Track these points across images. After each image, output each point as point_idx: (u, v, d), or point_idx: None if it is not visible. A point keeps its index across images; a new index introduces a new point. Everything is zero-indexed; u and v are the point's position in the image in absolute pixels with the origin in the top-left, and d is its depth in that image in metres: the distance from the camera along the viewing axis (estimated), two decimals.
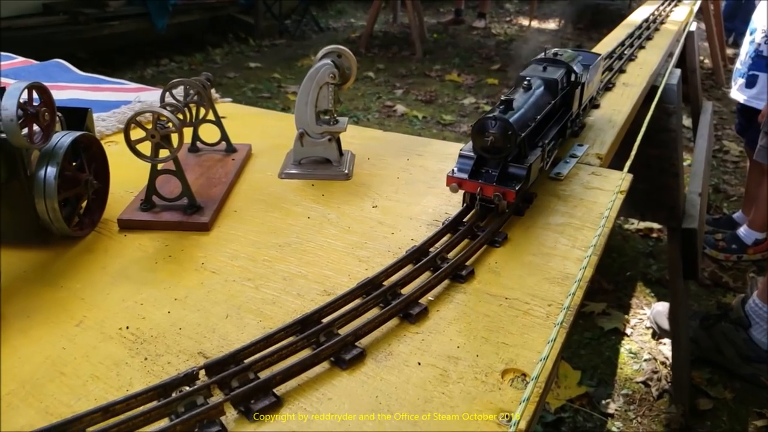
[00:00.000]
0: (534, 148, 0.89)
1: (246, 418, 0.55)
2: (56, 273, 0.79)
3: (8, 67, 1.93)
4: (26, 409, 0.57)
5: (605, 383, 2.08)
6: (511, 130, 0.80)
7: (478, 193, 0.82)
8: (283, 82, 5.31)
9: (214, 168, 1.08)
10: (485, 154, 0.83)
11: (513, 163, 0.84)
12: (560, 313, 0.66)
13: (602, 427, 1.91)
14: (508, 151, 0.81)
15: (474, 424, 0.54)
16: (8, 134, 0.76)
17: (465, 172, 0.83)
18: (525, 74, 0.98)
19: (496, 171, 0.83)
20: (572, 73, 1.04)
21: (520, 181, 0.82)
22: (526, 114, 0.86)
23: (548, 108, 0.94)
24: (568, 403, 1.99)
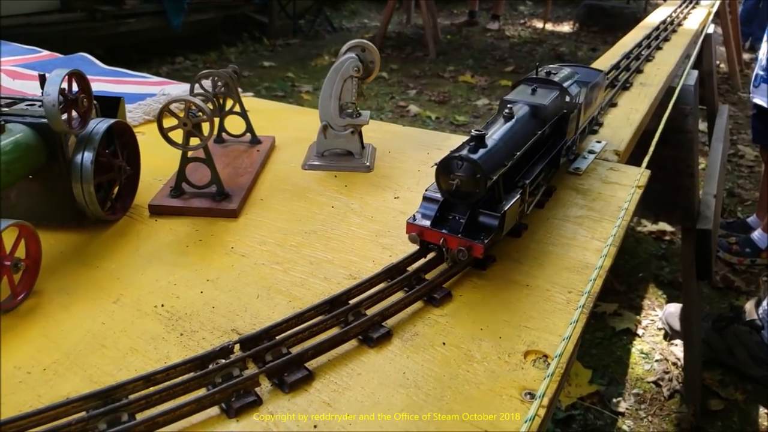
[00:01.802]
0: (513, 189, 0.76)
1: (280, 390, 0.57)
2: (92, 254, 0.82)
3: (35, 60, 1.98)
4: (71, 377, 0.60)
5: (616, 382, 2.09)
6: (479, 172, 0.67)
7: (442, 245, 0.70)
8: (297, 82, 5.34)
9: (240, 158, 1.11)
10: (451, 199, 0.71)
11: (484, 209, 0.71)
12: (581, 297, 0.68)
13: (613, 425, 1.92)
14: (477, 196, 0.69)
15: (498, 399, 0.56)
16: (50, 119, 0.80)
17: (428, 218, 0.71)
18: (509, 98, 0.87)
19: (464, 218, 0.70)
20: (566, 96, 0.92)
21: (491, 232, 0.70)
22: (501, 151, 0.73)
23: (534, 139, 0.82)
24: (579, 401, 2.00)
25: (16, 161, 0.78)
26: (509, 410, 0.55)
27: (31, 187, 0.86)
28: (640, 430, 1.91)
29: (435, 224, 0.71)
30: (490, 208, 0.72)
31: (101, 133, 0.86)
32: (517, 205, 0.75)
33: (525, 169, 0.83)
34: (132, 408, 0.54)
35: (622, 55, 1.75)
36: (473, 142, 0.71)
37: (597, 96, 1.10)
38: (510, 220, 0.74)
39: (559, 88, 0.91)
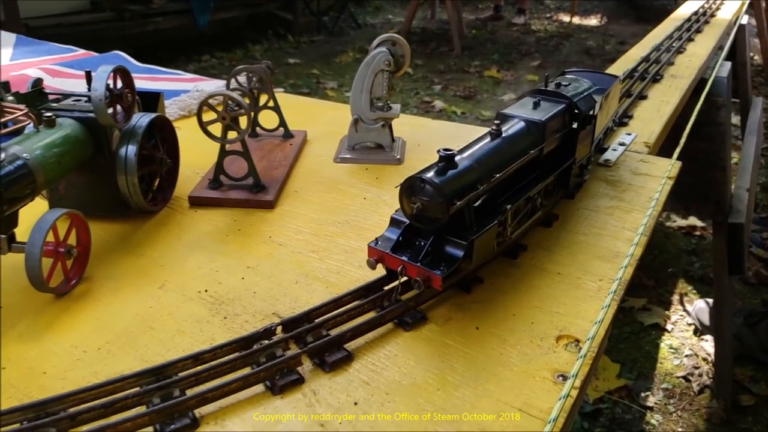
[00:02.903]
0: (490, 215, 0.69)
1: (321, 369, 0.60)
2: (136, 243, 0.86)
3: (71, 58, 2.04)
4: (124, 356, 0.63)
5: (644, 377, 2.08)
6: (442, 197, 0.61)
7: (400, 273, 0.65)
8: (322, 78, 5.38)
9: (274, 152, 1.14)
10: (414, 223, 0.65)
11: (452, 236, 0.65)
12: (612, 284, 0.70)
13: (641, 419, 1.91)
14: (440, 222, 0.63)
15: (532, 381, 0.58)
16: (97, 113, 0.83)
17: (391, 242, 0.66)
18: (506, 112, 0.80)
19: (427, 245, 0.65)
20: (575, 110, 0.83)
21: (453, 263, 0.64)
22: (474, 173, 0.66)
23: (525, 159, 0.74)
24: (607, 395, 1.99)
25: (66, 154, 0.82)
26: (542, 391, 0.57)
27: (78, 179, 0.90)
28: (669, 424, 1.90)
29: (396, 249, 0.65)
30: (458, 235, 0.65)
31: (144, 127, 0.90)
32: (492, 232, 0.68)
33: (509, 194, 0.75)
34: (182, 384, 0.57)
35: (652, 47, 1.74)
36: (442, 162, 0.64)
37: (612, 104, 1.03)
38: (481, 249, 0.67)
39: (567, 102, 0.83)
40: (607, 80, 1.00)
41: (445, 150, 0.65)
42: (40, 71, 1.77)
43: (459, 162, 0.66)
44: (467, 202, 0.65)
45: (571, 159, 0.85)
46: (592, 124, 0.88)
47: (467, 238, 0.65)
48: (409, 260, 0.64)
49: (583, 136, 0.86)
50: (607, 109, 0.99)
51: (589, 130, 0.88)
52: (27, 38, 2.34)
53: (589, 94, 0.87)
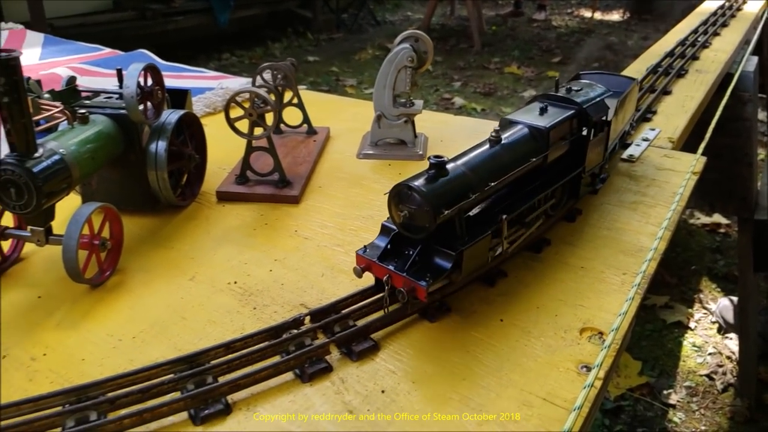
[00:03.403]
0: (485, 225, 0.67)
1: (348, 358, 0.61)
2: (166, 236, 0.88)
3: (98, 57, 2.09)
4: (158, 344, 0.65)
5: (667, 375, 2.06)
6: (428, 206, 0.60)
7: (386, 282, 0.62)
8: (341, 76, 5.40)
9: (298, 148, 1.16)
10: (402, 231, 0.64)
11: (442, 245, 0.63)
12: (636, 277, 0.70)
13: (663, 416, 1.90)
14: (427, 231, 0.61)
15: (555, 372, 0.59)
16: (128, 110, 0.86)
17: (379, 250, 0.64)
18: (510, 118, 0.78)
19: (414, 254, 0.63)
20: (586, 117, 0.80)
21: (440, 275, 0.61)
22: (466, 181, 0.64)
23: (525, 166, 0.71)
24: (628, 392, 1.98)
25: (100, 149, 0.84)
26: (566, 381, 0.58)
27: (109, 174, 0.92)
28: (692, 422, 1.88)
29: (384, 258, 0.64)
30: (448, 245, 0.63)
31: (173, 123, 0.92)
32: (484, 243, 0.66)
33: (512, 201, 0.72)
34: (215, 371, 0.59)
35: (676, 42, 1.72)
36: (432, 170, 0.62)
37: (629, 107, 0.99)
38: (472, 260, 0.64)
39: (576, 108, 0.80)
40: (624, 83, 0.96)
41: (436, 157, 0.63)
42: (68, 70, 1.81)
43: (451, 169, 0.64)
44: (458, 211, 0.63)
45: (581, 168, 0.82)
46: (604, 132, 0.84)
47: (457, 249, 0.62)
48: (395, 269, 0.62)
49: (594, 144, 0.82)
50: (624, 114, 0.95)
51: (601, 138, 0.84)
52: (54, 38, 2.40)
53: (601, 100, 0.84)
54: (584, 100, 0.81)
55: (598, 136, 0.83)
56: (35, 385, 0.60)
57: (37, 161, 0.72)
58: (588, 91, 0.85)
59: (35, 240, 0.77)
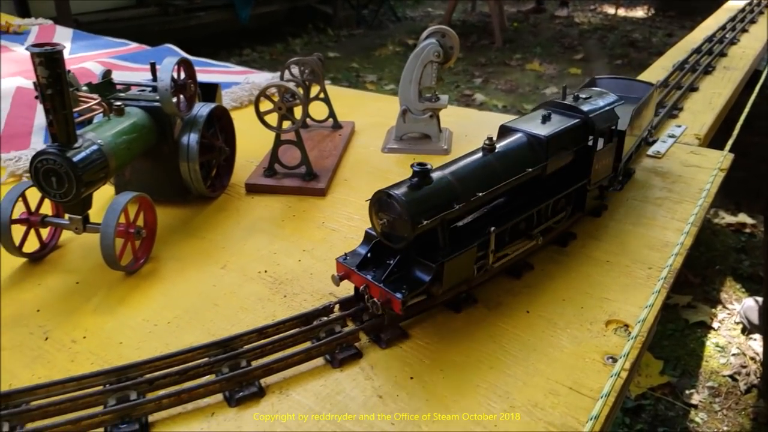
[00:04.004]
0: (472, 237, 0.64)
1: (377, 346, 0.63)
2: (197, 226, 0.91)
3: (125, 52, 2.13)
4: (192, 330, 0.67)
5: (689, 374, 2.05)
6: (407, 215, 0.58)
7: (362, 291, 0.61)
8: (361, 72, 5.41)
9: (324, 142, 1.18)
10: (383, 239, 0.62)
11: (423, 256, 0.61)
12: (663, 271, 0.70)
13: (685, 416, 1.89)
14: (406, 241, 0.59)
15: (582, 362, 0.60)
16: (162, 102, 0.88)
17: (358, 258, 0.63)
18: (509, 125, 0.75)
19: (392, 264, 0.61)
20: (591, 126, 0.76)
21: (418, 287, 0.59)
22: (450, 191, 0.62)
23: (519, 178, 0.68)
24: (650, 391, 1.97)
25: (134, 141, 0.87)
26: (592, 372, 0.58)
27: (142, 165, 0.95)
28: (714, 423, 1.86)
29: (363, 266, 0.62)
30: (429, 257, 0.60)
31: (205, 116, 0.94)
32: (468, 256, 0.63)
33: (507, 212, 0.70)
34: (248, 356, 0.61)
35: (704, 38, 1.71)
36: (415, 177, 0.60)
37: (647, 114, 0.95)
38: (454, 273, 0.62)
39: (582, 116, 0.76)
40: (641, 89, 0.92)
41: (419, 164, 0.61)
42: (97, 64, 1.85)
43: (436, 178, 0.62)
44: (440, 222, 0.60)
45: (586, 179, 0.77)
46: (614, 142, 0.80)
47: (438, 261, 0.60)
48: (373, 279, 0.60)
49: (602, 155, 0.78)
50: (640, 122, 0.91)
51: (610, 148, 0.80)
52: (83, 33, 2.45)
53: (610, 109, 0.80)
54: (591, 108, 0.77)
55: (607, 147, 0.78)
56: (77, 366, 0.63)
57: (77, 151, 0.75)
58: (597, 99, 0.81)
59: (73, 228, 0.80)
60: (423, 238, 0.61)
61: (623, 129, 0.81)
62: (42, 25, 2.47)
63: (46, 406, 0.56)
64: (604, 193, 0.86)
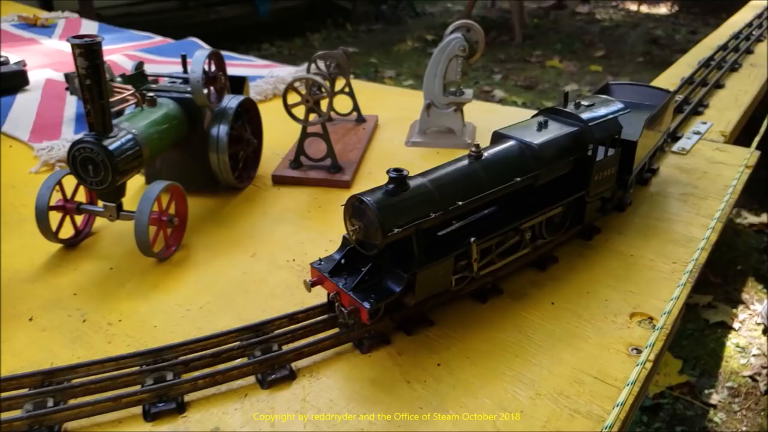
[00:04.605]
0: (450, 247, 0.62)
1: (404, 333, 0.64)
2: (226, 216, 0.93)
3: (150, 45, 2.16)
4: (223, 315, 0.69)
5: (708, 374, 2.03)
6: (377, 223, 0.56)
7: (332, 299, 0.61)
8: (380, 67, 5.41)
9: (348, 135, 1.19)
10: (357, 246, 0.60)
11: (397, 265, 0.59)
12: (688, 264, 0.71)
13: (704, 416, 1.88)
14: (377, 249, 0.57)
15: (606, 353, 0.61)
16: (194, 94, 0.90)
17: (332, 264, 0.62)
18: (502, 131, 0.73)
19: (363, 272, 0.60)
20: (590, 136, 0.72)
21: (387, 297, 0.58)
22: (427, 200, 0.60)
23: (506, 187, 0.66)
24: (668, 390, 1.96)
25: (166, 131, 0.89)
26: (617, 362, 0.59)
27: (173, 155, 0.97)
28: (734, 423, 1.85)
29: (336, 273, 0.61)
30: (403, 266, 0.59)
31: (234, 108, 0.96)
32: (444, 267, 0.61)
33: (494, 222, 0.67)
34: (279, 340, 0.62)
35: (730, 35, 1.69)
36: (391, 184, 0.59)
37: (663, 121, 0.89)
38: (428, 284, 0.60)
39: (580, 125, 0.72)
40: (658, 96, 0.88)
41: (396, 170, 0.59)
42: (124, 57, 1.88)
43: (414, 185, 0.60)
44: (416, 230, 0.59)
45: (584, 190, 0.74)
46: (617, 152, 0.75)
47: (410, 270, 0.58)
48: (343, 287, 0.59)
49: (603, 165, 0.74)
50: (654, 132, 0.86)
51: (613, 159, 0.75)
52: (108, 26, 2.49)
53: (613, 118, 0.75)
54: (591, 116, 0.74)
55: (609, 157, 0.74)
56: (114, 347, 0.65)
57: (113, 140, 0.77)
58: (599, 106, 0.77)
59: (107, 215, 0.82)
60: (399, 246, 0.59)
61: (632, 139, 0.78)
62: (68, 19, 2.52)
63: (87, 384, 0.58)
64: (606, 205, 0.81)
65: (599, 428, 0.51)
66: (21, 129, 1.28)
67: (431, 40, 6.05)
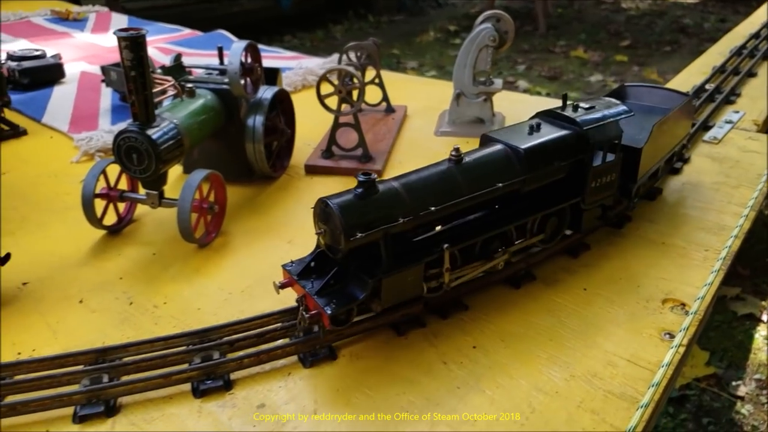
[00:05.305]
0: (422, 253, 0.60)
1: (439, 317, 0.66)
2: (261, 204, 0.95)
3: (180, 38, 2.20)
4: (263, 298, 0.72)
5: (736, 366, 2.02)
6: (340, 227, 0.55)
7: (298, 301, 0.59)
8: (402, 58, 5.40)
9: (378, 125, 1.21)
10: (326, 249, 0.59)
11: (363, 270, 0.58)
12: (722, 251, 0.71)
13: (730, 408, 1.87)
14: (340, 253, 0.56)
15: (639, 337, 0.62)
16: (231, 84, 0.93)
17: (301, 266, 0.60)
18: (491, 135, 0.70)
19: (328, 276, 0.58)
20: (584, 140, 0.68)
21: (350, 302, 0.56)
22: (397, 204, 0.58)
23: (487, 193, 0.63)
24: (694, 382, 1.96)
25: (205, 121, 0.92)
26: (650, 346, 0.60)
27: (210, 145, 1.00)
28: (761, 414, 1.84)
29: (305, 275, 0.59)
30: (369, 271, 0.57)
31: (270, 99, 0.98)
32: (413, 273, 0.59)
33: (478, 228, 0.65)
34: None
35: (761, 23, 1.67)
36: (360, 188, 0.57)
37: (677, 128, 0.82)
38: (395, 289, 0.58)
39: (575, 128, 0.68)
40: (675, 99, 0.84)
41: (364, 174, 0.57)
42: (155, 50, 1.92)
43: (384, 189, 0.58)
44: (384, 235, 0.57)
45: (581, 195, 0.70)
46: (617, 158, 0.71)
47: (376, 276, 0.57)
48: (309, 290, 0.58)
49: (601, 172, 0.69)
50: (666, 138, 0.80)
51: (613, 165, 0.71)
52: (138, 19, 2.54)
53: (613, 122, 0.71)
54: (587, 120, 0.70)
55: (608, 163, 0.70)
56: (160, 328, 0.68)
57: (156, 130, 0.80)
58: (600, 109, 0.72)
59: (150, 202, 0.85)
60: (368, 250, 0.58)
61: (637, 146, 0.74)
62: (99, 12, 2.57)
63: (138, 362, 0.61)
64: (606, 213, 0.76)
65: (633, 409, 0.53)
66: (60, 120, 1.33)
67: (454, 30, 6.02)
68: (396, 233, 0.58)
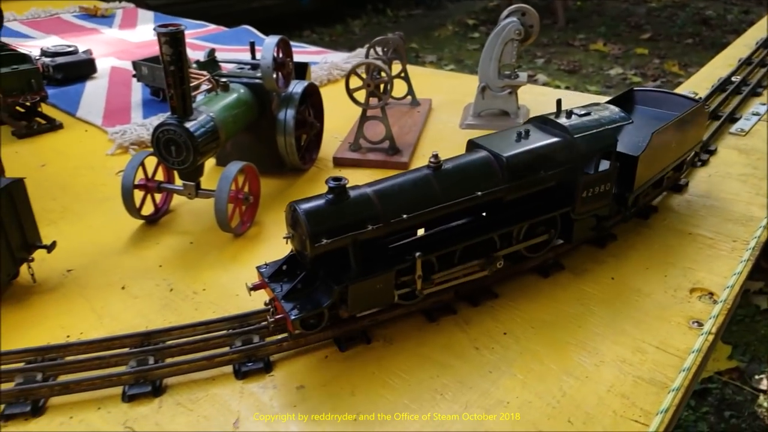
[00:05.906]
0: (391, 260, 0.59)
1: (470, 304, 0.68)
2: (293, 195, 0.98)
3: (205, 33, 2.23)
4: None
5: (759, 360, 2.01)
6: (306, 232, 0.54)
7: (267, 304, 0.60)
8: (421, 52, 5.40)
9: (404, 118, 1.23)
10: (296, 253, 0.58)
11: (331, 276, 0.57)
12: (751, 241, 0.72)
13: (753, 401, 1.86)
14: (306, 259, 0.56)
15: (667, 325, 0.63)
16: (264, 79, 0.95)
17: (273, 269, 0.61)
18: (476, 140, 0.69)
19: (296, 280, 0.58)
20: (573, 148, 0.66)
21: (315, 308, 0.56)
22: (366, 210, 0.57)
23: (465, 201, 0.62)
24: (716, 375, 1.95)
25: (239, 114, 0.94)
26: (678, 334, 0.62)
27: (243, 138, 1.02)
28: None
29: (277, 278, 0.59)
30: (336, 278, 0.57)
31: (300, 93, 1.01)
32: (383, 281, 0.58)
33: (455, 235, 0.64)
34: None
35: None
36: (330, 194, 0.57)
37: (685, 136, 0.79)
38: (363, 296, 0.57)
39: (564, 136, 0.66)
40: (685, 106, 0.79)
41: (334, 179, 0.57)
42: None
43: (355, 195, 0.58)
44: (353, 242, 0.56)
45: (568, 208, 0.67)
46: (611, 167, 0.68)
47: (343, 282, 0.56)
48: (277, 294, 0.58)
49: (593, 181, 0.67)
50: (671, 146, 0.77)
51: (607, 174, 0.68)
52: (163, 15, 2.58)
53: (607, 129, 0.68)
54: (579, 127, 0.67)
55: (600, 173, 0.67)
56: (200, 313, 0.71)
57: (193, 122, 0.83)
58: (596, 116, 0.70)
59: (186, 193, 0.88)
60: (339, 256, 0.58)
61: (634, 153, 0.70)
62: (126, 9, 2.61)
63: (182, 345, 0.64)
64: (603, 223, 0.74)
65: (663, 393, 0.54)
66: (94, 114, 1.36)
67: (472, 24, 6.00)
68: (368, 240, 0.58)
